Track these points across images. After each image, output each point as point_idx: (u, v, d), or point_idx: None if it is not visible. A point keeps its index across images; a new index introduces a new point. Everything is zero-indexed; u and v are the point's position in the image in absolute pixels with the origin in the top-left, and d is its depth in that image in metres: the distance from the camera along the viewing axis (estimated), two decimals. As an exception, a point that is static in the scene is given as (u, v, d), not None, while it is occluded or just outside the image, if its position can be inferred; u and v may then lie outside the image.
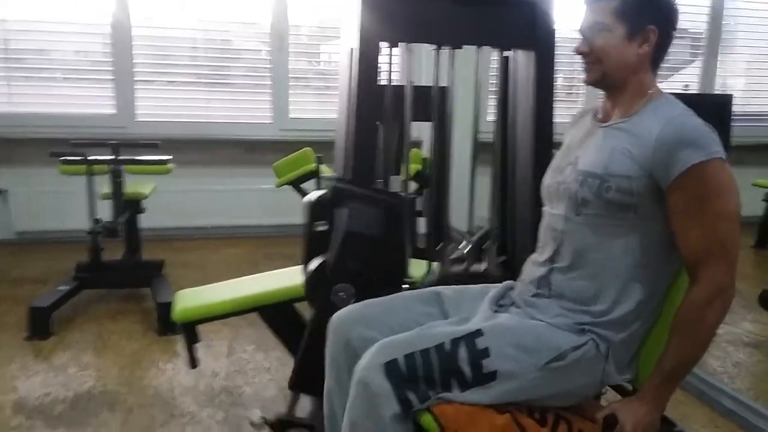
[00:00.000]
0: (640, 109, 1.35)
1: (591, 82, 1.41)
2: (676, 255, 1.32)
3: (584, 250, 1.35)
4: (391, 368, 1.26)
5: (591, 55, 1.37)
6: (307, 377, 1.72)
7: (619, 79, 1.37)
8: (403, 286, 1.82)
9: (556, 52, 1.95)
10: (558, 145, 1.64)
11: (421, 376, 1.27)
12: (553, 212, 1.44)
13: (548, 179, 1.48)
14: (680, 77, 5.50)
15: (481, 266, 2.02)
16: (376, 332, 1.41)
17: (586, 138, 1.43)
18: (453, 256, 2.07)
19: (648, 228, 1.32)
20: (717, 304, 1.25)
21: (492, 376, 1.28)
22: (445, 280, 1.95)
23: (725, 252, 1.26)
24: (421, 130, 3.96)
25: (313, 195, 1.86)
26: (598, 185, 1.32)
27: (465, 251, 2.02)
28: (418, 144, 4.29)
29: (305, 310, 1.93)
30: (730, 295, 1.26)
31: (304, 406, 2.04)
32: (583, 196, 1.34)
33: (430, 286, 1.74)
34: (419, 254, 2.14)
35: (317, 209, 1.83)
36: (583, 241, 1.35)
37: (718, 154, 1.25)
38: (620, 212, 1.31)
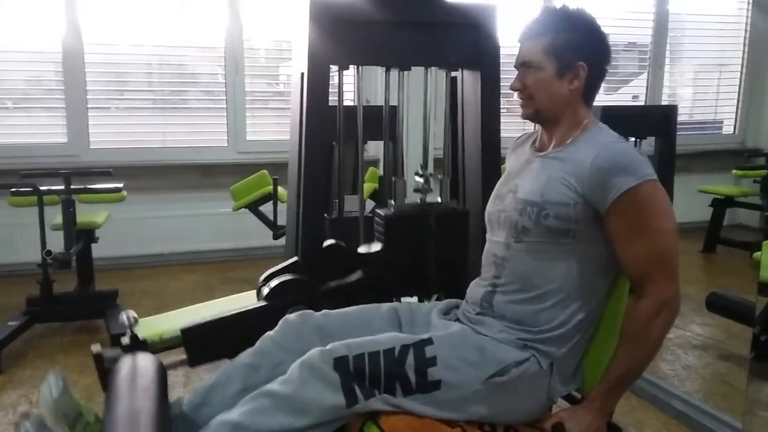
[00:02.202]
0: (575, 139, 1.40)
1: (526, 117, 1.47)
2: (614, 271, 1.38)
3: (525, 275, 1.39)
4: (340, 363, 1.28)
5: (525, 91, 1.42)
6: (201, 340, 1.68)
7: (552, 113, 1.42)
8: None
9: (501, 71, 2.01)
10: (504, 159, 1.68)
11: (367, 376, 1.28)
12: (494, 239, 1.48)
13: (490, 207, 1.53)
14: (629, 89, 5.67)
15: (436, 198, 2.03)
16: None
17: (525, 167, 1.48)
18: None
19: (586, 251, 1.36)
20: (663, 316, 1.30)
21: (436, 384, 1.30)
22: (401, 211, 1.95)
23: (667, 267, 1.31)
24: (380, 149, 3.99)
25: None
26: (537, 213, 1.36)
27: (420, 184, 2.02)
28: (375, 163, 4.32)
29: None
30: (675, 307, 1.32)
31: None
32: (523, 224, 1.38)
33: (386, 217, 1.80)
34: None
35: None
36: (524, 267, 1.39)
37: (650, 177, 1.31)
38: (559, 238, 1.36)
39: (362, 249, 1.84)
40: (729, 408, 2.25)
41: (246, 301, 2.08)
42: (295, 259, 1.92)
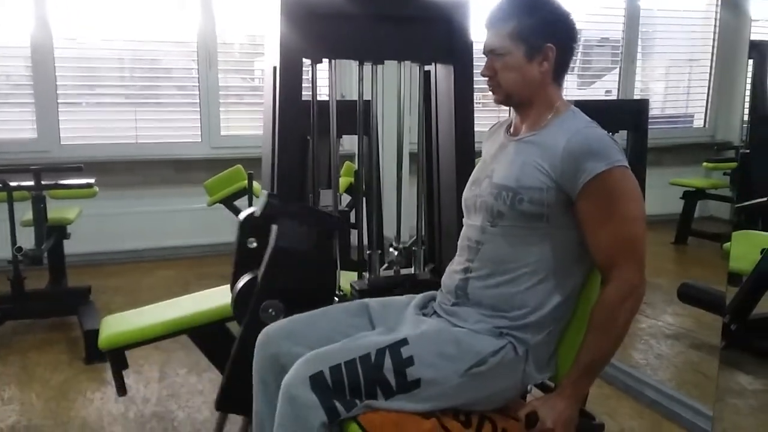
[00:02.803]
0: (548, 123, 1.41)
1: (499, 101, 1.48)
2: (587, 258, 1.39)
3: (500, 259, 1.40)
4: (316, 380, 1.28)
5: (495, 77, 1.43)
6: (234, 396, 1.70)
7: (524, 96, 1.43)
8: (334, 299, 1.84)
9: (474, 65, 2.02)
10: (479, 155, 1.69)
11: (346, 386, 1.28)
12: (470, 223, 1.49)
13: (467, 192, 1.53)
14: (602, 83, 5.73)
15: (410, 270, 2.06)
16: (304, 347, 1.41)
17: (500, 152, 1.49)
18: (382, 262, 2.09)
19: (560, 236, 1.38)
20: (629, 302, 1.32)
21: (416, 383, 1.31)
22: (375, 284, 1.96)
23: (634, 253, 1.32)
24: (355, 144, 3.99)
25: (246, 211, 1.86)
26: (512, 197, 1.37)
27: (394, 256, 2.05)
28: (351, 157, 4.32)
29: (236, 329, 1.91)
30: (641, 293, 1.33)
31: (233, 426, 2.02)
32: (499, 208, 1.39)
33: (361, 292, 1.77)
34: (351, 266, 2.15)
35: (250, 226, 1.83)
36: (499, 251, 1.40)
37: (621, 163, 1.32)
38: (533, 222, 1.37)
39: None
40: (701, 396, 2.29)
41: (219, 295, 2.08)
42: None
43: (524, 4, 1.41)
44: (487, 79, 1.45)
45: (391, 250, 2.03)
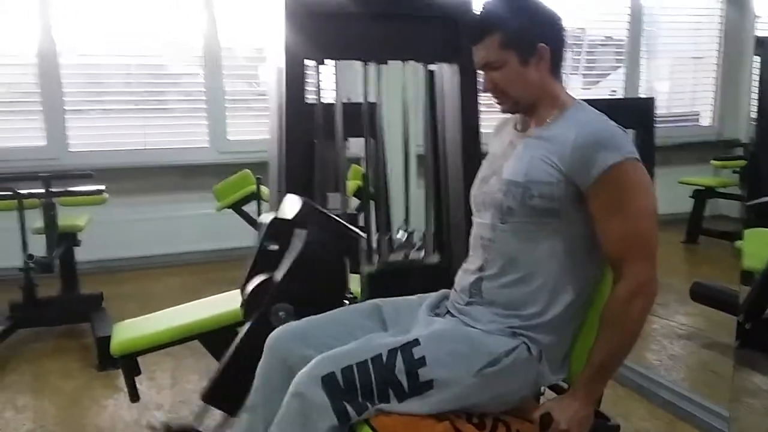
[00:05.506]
0: (556, 117, 1.40)
1: (507, 111, 1.47)
2: (600, 255, 1.37)
3: (512, 257, 1.39)
4: (328, 381, 1.26)
5: (497, 90, 1.42)
6: (224, 392, 1.67)
7: (530, 100, 1.42)
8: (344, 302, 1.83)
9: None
10: (485, 154, 1.68)
11: (358, 389, 1.27)
12: (480, 221, 1.47)
13: (475, 189, 1.52)
14: (607, 83, 5.70)
15: (420, 254, 2.05)
16: (314, 350, 1.40)
17: (509, 148, 1.47)
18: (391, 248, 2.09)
19: (571, 232, 1.36)
20: (640, 299, 1.29)
21: (429, 384, 1.30)
22: (385, 268, 1.95)
23: (645, 248, 1.31)
24: (361, 147, 3.99)
25: (271, 213, 1.85)
26: (522, 193, 1.36)
27: (403, 240, 2.04)
28: (359, 160, 4.31)
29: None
30: (653, 289, 1.31)
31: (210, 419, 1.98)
32: (508, 204, 1.38)
33: (371, 276, 1.75)
34: (360, 269, 2.15)
35: (274, 228, 1.82)
36: (510, 248, 1.39)
37: (632, 155, 1.31)
38: (544, 218, 1.35)
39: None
40: (715, 396, 2.26)
41: (230, 300, 2.07)
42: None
43: (505, 10, 1.38)
44: (490, 92, 1.44)
45: (398, 236, 2.01)
